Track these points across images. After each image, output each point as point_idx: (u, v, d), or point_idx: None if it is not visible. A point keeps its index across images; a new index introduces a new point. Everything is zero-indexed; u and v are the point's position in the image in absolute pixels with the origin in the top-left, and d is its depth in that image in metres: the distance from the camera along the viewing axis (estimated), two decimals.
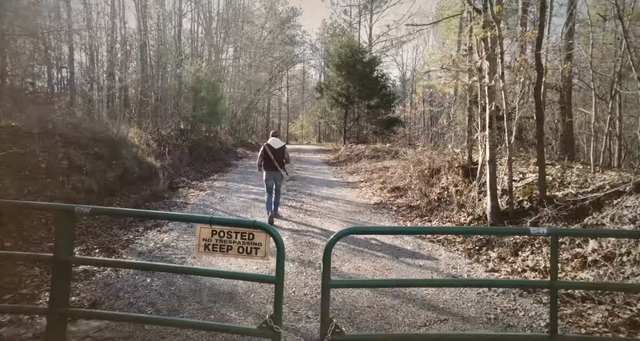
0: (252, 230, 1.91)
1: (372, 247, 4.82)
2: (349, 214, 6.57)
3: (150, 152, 10.32)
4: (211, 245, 1.87)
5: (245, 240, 1.89)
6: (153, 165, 9.43)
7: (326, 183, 9.73)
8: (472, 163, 6.13)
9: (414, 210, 6.50)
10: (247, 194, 8.24)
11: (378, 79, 18.55)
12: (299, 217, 6.37)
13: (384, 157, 12.51)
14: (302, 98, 45.89)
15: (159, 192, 8.17)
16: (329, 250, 2.04)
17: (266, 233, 1.88)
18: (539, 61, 4.48)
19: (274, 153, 5.97)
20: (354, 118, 19.98)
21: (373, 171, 10.24)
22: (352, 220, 6.21)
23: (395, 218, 6.34)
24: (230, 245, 1.87)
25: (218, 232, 1.88)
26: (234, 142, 21.79)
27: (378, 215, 6.52)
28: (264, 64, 26.15)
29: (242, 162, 15.11)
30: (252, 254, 1.88)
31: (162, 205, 7.20)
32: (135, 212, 4.67)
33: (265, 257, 1.87)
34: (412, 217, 6.25)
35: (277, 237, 1.86)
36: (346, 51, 17.72)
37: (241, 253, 1.88)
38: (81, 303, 3.08)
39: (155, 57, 15.01)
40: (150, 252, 4.52)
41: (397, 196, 7.40)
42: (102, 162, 7.23)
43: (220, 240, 1.87)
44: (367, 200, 7.64)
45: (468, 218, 5.06)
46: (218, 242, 1.87)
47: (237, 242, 1.88)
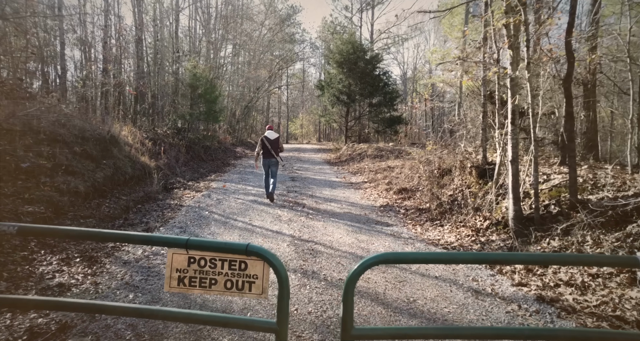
0: (244, 257, 1.39)
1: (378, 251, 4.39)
2: (354, 217, 6.14)
3: (144, 151, 9.89)
4: (187, 279, 1.35)
5: (235, 271, 1.36)
6: (147, 164, 9.00)
7: (328, 184, 9.30)
8: (487, 164, 5.69)
9: (424, 213, 6.07)
10: (246, 196, 7.81)
11: (380, 77, 18.04)
12: (301, 220, 5.94)
13: (388, 156, 12.08)
14: (302, 97, 45.54)
15: (153, 193, 7.75)
16: (351, 286, 1.38)
17: (264, 261, 1.37)
18: (570, 49, 4.02)
19: (270, 143, 7.12)
20: (356, 117, 19.48)
21: (377, 171, 9.81)
22: (358, 223, 5.78)
23: (403, 221, 5.91)
24: (214, 277, 1.34)
25: (197, 260, 1.36)
26: (233, 141, 21.37)
27: (385, 219, 6.09)
28: (263, 62, 25.71)
29: (241, 162, 14.67)
30: (244, 290, 1.36)
31: (155, 207, 6.77)
32: (82, 232, 3.72)
33: (263, 295, 1.35)
34: (422, 220, 5.82)
35: (278, 267, 1.37)
36: (348, 48, 17.21)
37: (229, 289, 1.36)
38: (49, 327, 2.65)
39: (152, 54, 14.56)
40: (137, 261, 4.09)
41: (404, 198, 6.97)
42: (90, 162, 6.80)
43: (201, 270, 1.34)
44: (372, 202, 7.21)
45: (485, 222, 4.63)
46: (197, 274, 1.34)
47: (225, 274, 1.35)
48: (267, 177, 7.20)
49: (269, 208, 6.68)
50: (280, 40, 27.01)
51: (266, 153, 7.13)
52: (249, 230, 5.38)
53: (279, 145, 7.25)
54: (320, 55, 40.10)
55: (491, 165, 5.51)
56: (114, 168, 7.29)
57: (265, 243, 4.75)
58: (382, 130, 18.01)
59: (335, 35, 25.01)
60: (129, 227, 5.44)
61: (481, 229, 4.60)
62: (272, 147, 7.09)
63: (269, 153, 7.11)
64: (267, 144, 7.09)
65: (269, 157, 7.12)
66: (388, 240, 4.98)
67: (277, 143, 7.23)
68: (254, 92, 24.32)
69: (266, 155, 7.14)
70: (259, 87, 24.18)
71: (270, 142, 7.11)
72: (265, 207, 6.82)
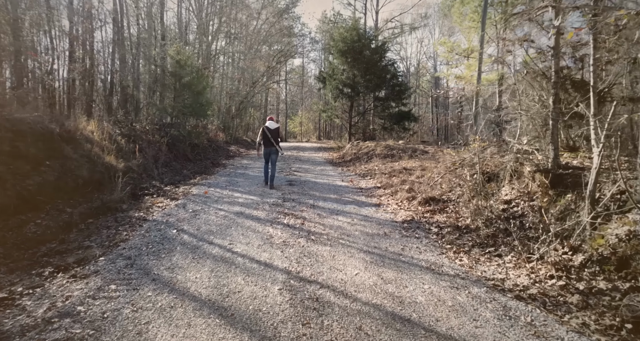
0: None
1: None
2: (371, 239, 4.57)
3: (113, 149, 8.31)
4: None
5: None
6: (113, 166, 7.41)
7: (333, 190, 7.72)
8: (561, 167, 4.11)
9: (466, 233, 4.50)
10: (231, 205, 6.23)
11: (387, 68, 16.31)
12: (299, 243, 4.37)
13: (400, 155, 10.49)
14: (301, 94, 44.06)
15: (114, 201, 6.17)
16: None
17: None
18: None
19: (270, 132, 7.52)
20: (361, 112, 17.80)
21: (391, 174, 8.22)
22: (378, 249, 4.22)
23: (439, 246, 4.34)
24: None
25: None
26: (227, 139, 19.80)
27: (413, 241, 4.52)
28: (259, 54, 24.09)
29: (233, 162, 13.08)
30: None
31: (111, 223, 5.19)
32: None
33: None
34: (465, 244, 4.25)
35: None
36: (352, 35, 15.44)
37: None
38: None
39: (135, 39, 12.92)
40: (34, 328, 2.52)
41: (433, 210, 5.40)
42: (25, 163, 5.21)
43: None
44: (391, 215, 5.64)
45: (577, 257, 3.09)
46: None
47: None
48: (266, 165, 7.69)
49: (258, 225, 5.11)
50: (278, 32, 25.38)
51: (267, 142, 7.54)
52: (227, 261, 3.81)
53: (279, 135, 7.64)
54: (320, 49, 38.53)
55: (568, 169, 3.96)
56: (61, 172, 5.71)
57: (248, 287, 3.19)
58: (390, 127, 16.34)
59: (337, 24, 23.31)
60: (56, 255, 3.85)
61: (572, 267, 3.06)
62: (272, 136, 7.49)
63: (269, 142, 7.52)
64: (268, 134, 7.49)
65: (269, 146, 7.55)
66: (426, 280, 3.42)
67: (277, 133, 7.62)
68: (250, 86, 22.68)
69: (267, 144, 7.56)
70: (255, 81, 22.54)
71: (270, 132, 7.51)
72: (253, 222, 5.25)
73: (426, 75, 39.31)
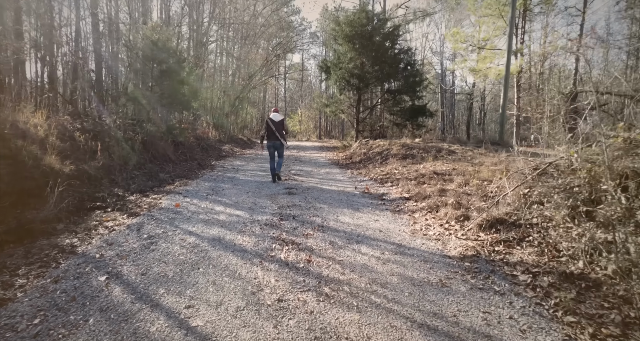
0: None
1: None
2: (422, 294, 2.78)
3: (63, 148, 6.52)
4: None
5: None
6: (55, 170, 5.61)
7: (345, 201, 5.92)
8: None
9: (590, 288, 2.70)
10: (208, 226, 4.44)
11: (400, 56, 14.42)
12: (305, 306, 2.58)
13: (422, 156, 8.70)
14: (300, 91, 42.34)
15: (41, 221, 4.40)
16: None
17: None
18: None
19: (275, 125, 7.07)
20: (369, 107, 15.91)
21: (419, 180, 6.41)
22: (439, 319, 2.44)
23: (551, 318, 2.54)
24: None
25: None
26: (220, 138, 18.05)
27: (495, 300, 2.73)
28: (257, 46, 22.28)
29: (223, 163, 11.30)
30: None
31: (18, 258, 3.41)
32: None
33: None
34: (595, 312, 2.45)
35: None
36: (360, 17, 13.50)
37: None
38: None
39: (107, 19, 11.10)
40: None
41: (507, 241, 3.59)
42: None
43: None
44: (438, 246, 3.83)
45: None
46: None
47: None
48: (272, 160, 7.13)
49: (241, 263, 3.31)
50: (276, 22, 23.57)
51: (271, 135, 7.05)
52: None
53: (284, 127, 7.08)
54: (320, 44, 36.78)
55: None
56: None
57: None
58: (402, 123, 14.48)
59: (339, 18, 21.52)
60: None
61: None
62: (276, 128, 7.00)
63: (273, 135, 7.02)
64: (272, 126, 7.00)
65: (273, 140, 7.04)
66: None
67: (282, 125, 7.08)
68: (247, 80, 20.85)
69: (271, 137, 7.05)
70: (252, 75, 20.73)
71: (275, 124, 7.02)
72: (233, 257, 3.46)
73: (431, 72, 37.59)
